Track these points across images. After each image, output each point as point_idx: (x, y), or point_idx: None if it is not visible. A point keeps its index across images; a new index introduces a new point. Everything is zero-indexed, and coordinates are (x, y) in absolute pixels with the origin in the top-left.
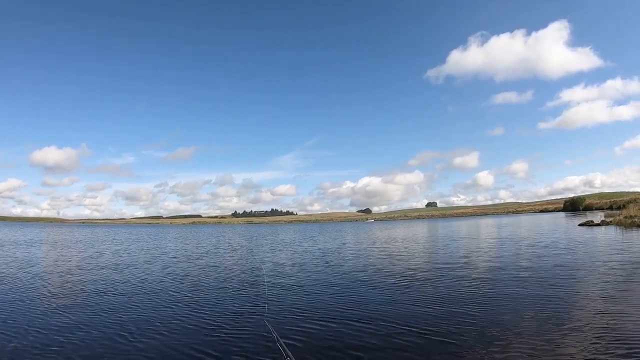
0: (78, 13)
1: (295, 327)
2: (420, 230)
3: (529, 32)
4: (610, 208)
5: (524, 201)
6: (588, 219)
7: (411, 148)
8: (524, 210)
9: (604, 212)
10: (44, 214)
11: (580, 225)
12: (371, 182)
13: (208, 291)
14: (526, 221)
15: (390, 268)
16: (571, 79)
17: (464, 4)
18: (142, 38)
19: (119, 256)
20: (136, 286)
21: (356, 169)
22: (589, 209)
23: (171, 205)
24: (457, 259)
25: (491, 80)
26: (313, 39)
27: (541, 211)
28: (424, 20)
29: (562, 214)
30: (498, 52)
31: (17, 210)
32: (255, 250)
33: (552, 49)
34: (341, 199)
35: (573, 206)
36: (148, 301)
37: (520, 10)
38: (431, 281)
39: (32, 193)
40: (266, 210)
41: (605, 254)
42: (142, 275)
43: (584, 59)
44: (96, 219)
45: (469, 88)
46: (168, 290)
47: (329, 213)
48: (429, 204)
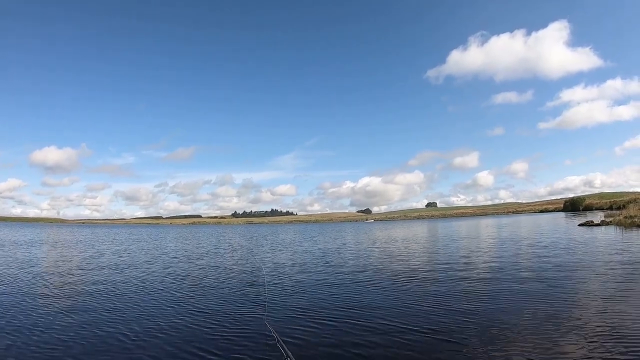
0: (78, 13)
1: (295, 327)
2: (420, 231)
3: (529, 32)
4: (610, 208)
5: (524, 201)
6: (588, 219)
7: (411, 148)
8: (524, 211)
9: (604, 212)
10: (44, 214)
11: (580, 225)
12: (371, 182)
13: (208, 291)
14: (526, 221)
15: (390, 268)
16: (571, 79)
17: (464, 4)
18: (142, 38)
19: (120, 256)
20: (137, 286)
21: (356, 169)
22: (589, 209)
23: (171, 205)
24: (457, 259)
25: (491, 80)
26: (313, 39)
27: (541, 211)
28: (424, 20)
29: (562, 214)
30: (498, 52)
31: (17, 211)
32: (255, 250)
33: (552, 49)
34: (341, 199)
35: (573, 206)
36: (149, 301)
37: (520, 10)
38: (431, 281)
39: (32, 193)
40: (266, 211)
41: (605, 254)
42: (143, 275)
43: (584, 59)
44: (96, 219)
45: (469, 88)
46: (169, 290)
47: (329, 213)
48: (429, 204)
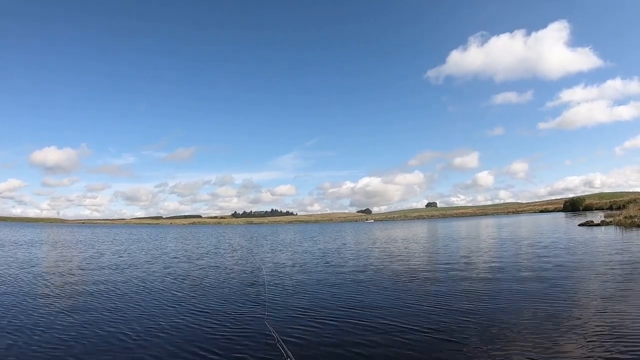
0: (78, 13)
1: (295, 327)
2: (420, 231)
3: (529, 32)
4: (610, 208)
5: (524, 201)
6: (588, 219)
7: (411, 148)
8: (524, 211)
9: (604, 212)
10: (44, 214)
11: (580, 225)
12: (371, 183)
13: (209, 291)
14: (526, 221)
15: (390, 268)
16: (571, 79)
17: (464, 4)
18: (142, 38)
19: (120, 256)
20: (138, 286)
21: (356, 169)
22: (589, 209)
23: (171, 205)
24: (458, 259)
25: (491, 81)
26: (313, 39)
27: (541, 211)
28: (424, 20)
29: (562, 214)
30: (498, 52)
31: (17, 211)
32: (255, 250)
33: (552, 49)
34: (341, 199)
35: (573, 206)
36: (150, 301)
37: (520, 11)
38: (432, 281)
39: (32, 193)
40: (266, 211)
41: (605, 254)
42: (144, 275)
43: (584, 59)
44: (96, 220)
45: (469, 88)
46: (170, 290)
47: (328, 213)
48: (429, 204)
